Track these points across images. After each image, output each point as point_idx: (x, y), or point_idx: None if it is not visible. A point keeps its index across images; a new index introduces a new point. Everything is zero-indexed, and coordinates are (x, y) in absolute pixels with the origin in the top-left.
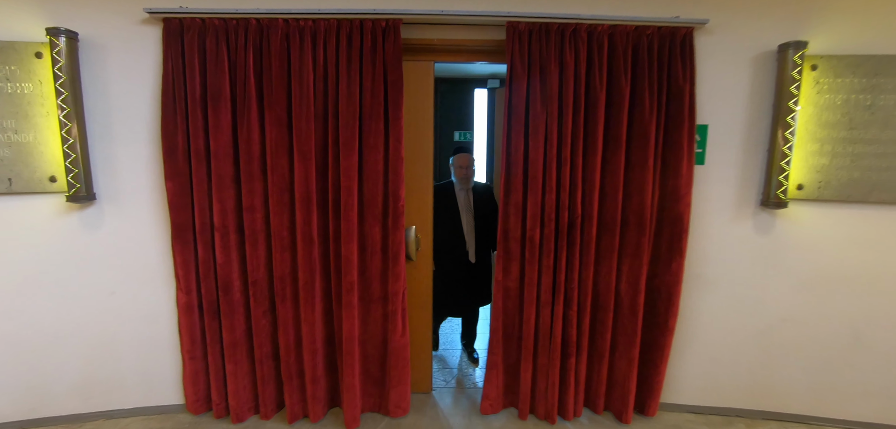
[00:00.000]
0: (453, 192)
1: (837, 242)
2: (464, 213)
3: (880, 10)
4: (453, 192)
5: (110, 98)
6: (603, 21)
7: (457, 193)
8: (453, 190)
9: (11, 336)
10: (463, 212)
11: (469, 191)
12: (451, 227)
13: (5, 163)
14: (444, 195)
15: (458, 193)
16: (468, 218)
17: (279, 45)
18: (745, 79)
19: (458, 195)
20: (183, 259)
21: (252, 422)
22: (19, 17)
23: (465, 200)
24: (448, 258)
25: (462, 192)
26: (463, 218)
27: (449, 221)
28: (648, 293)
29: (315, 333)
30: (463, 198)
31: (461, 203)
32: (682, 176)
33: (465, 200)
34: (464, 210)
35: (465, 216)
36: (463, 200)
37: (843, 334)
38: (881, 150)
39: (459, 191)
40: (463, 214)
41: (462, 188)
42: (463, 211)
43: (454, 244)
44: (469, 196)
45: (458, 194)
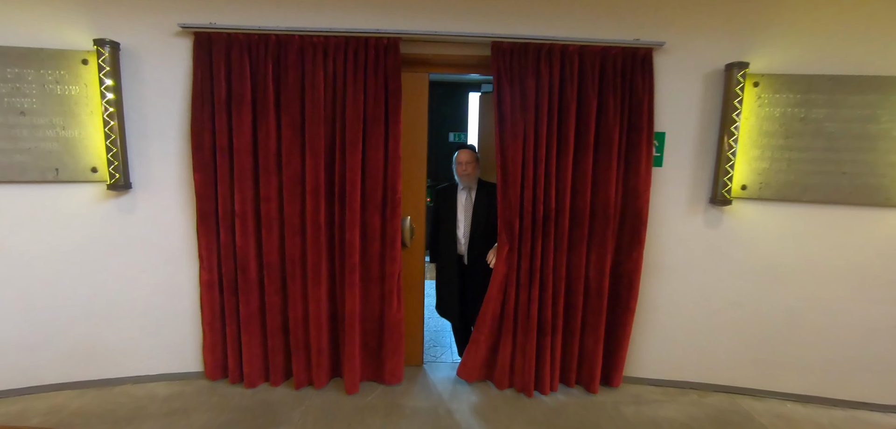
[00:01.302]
0: (455, 192)
1: (776, 236)
2: (461, 214)
3: (812, 36)
4: (455, 192)
5: (145, 100)
6: (574, 42)
7: (458, 193)
8: (455, 190)
9: (53, 308)
10: (461, 212)
11: (471, 190)
12: (447, 228)
13: (53, 155)
14: (444, 197)
15: (458, 194)
16: (466, 219)
17: (295, 58)
18: (697, 93)
19: (459, 196)
20: (206, 242)
21: (263, 388)
22: (68, 30)
23: (465, 200)
24: (442, 260)
25: (463, 192)
26: (460, 219)
27: (447, 221)
28: (613, 279)
29: (321, 309)
30: (463, 199)
31: (460, 204)
32: (641, 176)
33: (465, 201)
34: (462, 211)
35: (462, 217)
36: (463, 201)
37: (780, 316)
38: (812, 156)
39: (461, 191)
40: (460, 214)
41: (463, 188)
42: (461, 212)
43: (448, 246)
44: (470, 196)
45: (458, 195)
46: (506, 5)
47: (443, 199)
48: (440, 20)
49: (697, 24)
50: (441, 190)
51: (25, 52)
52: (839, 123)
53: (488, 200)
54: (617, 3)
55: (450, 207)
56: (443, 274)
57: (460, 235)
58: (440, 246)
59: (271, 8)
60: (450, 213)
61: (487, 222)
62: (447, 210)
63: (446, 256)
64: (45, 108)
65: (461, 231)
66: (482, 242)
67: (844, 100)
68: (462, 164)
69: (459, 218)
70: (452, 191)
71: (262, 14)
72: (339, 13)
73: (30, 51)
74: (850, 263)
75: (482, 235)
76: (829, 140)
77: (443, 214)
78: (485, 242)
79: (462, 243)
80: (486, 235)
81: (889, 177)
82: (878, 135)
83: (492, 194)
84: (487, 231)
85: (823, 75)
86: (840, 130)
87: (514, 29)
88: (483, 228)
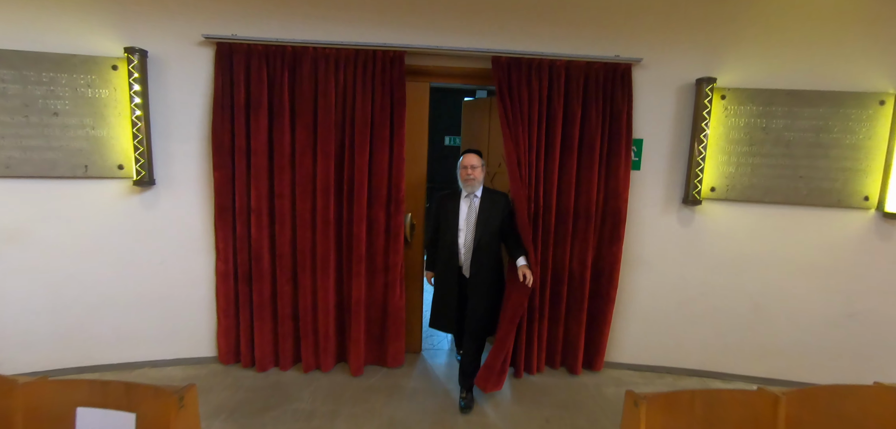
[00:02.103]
0: (457, 199)
1: (742, 233)
2: (463, 222)
3: (772, 55)
4: (457, 199)
5: (169, 103)
6: (562, 57)
7: (460, 200)
8: (458, 198)
9: (78, 295)
10: (462, 221)
11: (474, 198)
12: (447, 238)
13: (84, 153)
14: (445, 203)
15: (461, 201)
16: (467, 229)
17: (308, 68)
18: (671, 104)
19: (461, 203)
20: (223, 234)
21: (273, 371)
22: (100, 38)
23: (467, 209)
24: (440, 272)
25: (466, 199)
26: (461, 228)
27: (446, 230)
28: (594, 271)
29: (328, 298)
30: (466, 207)
31: (462, 212)
32: (620, 178)
33: (467, 210)
34: (463, 220)
35: (463, 226)
36: (465, 210)
37: (746, 305)
38: (773, 162)
39: (463, 198)
40: (462, 223)
41: (466, 195)
42: (462, 220)
43: (447, 257)
44: (473, 204)
45: (460, 202)
46: (501, 24)
47: (443, 206)
48: (442, 36)
49: (671, 43)
50: (442, 196)
51: (60, 57)
52: (796, 132)
53: (492, 209)
54: (600, 24)
55: (451, 216)
56: (441, 287)
57: (461, 246)
58: (439, 256)
59: (288, 22)
60: (450, 221)
61: (491, 233)
62: (447, 218)
63: (445, 268)
64: (77, 109)
65: (462, 241)
66: (485, 254)
67: (800, 112)
68: (468, 168)
69: (461, 227)
70: (454, 198)
71: (280, 27)
72: (349, 28)
73: (64, 57)
74: (808, 259)
75: (486, 248)
76: (788, 148)
77: (443, 223)
78: (488, 254)
79: (462, 255)
80: (490, 247)
81: (840, 181)
82: (830, 143)
83: (497, 203)
84: (491, 243)
85: (782, 90)
86: (797, 138)
87: (509, 45)
88: (487, 239)
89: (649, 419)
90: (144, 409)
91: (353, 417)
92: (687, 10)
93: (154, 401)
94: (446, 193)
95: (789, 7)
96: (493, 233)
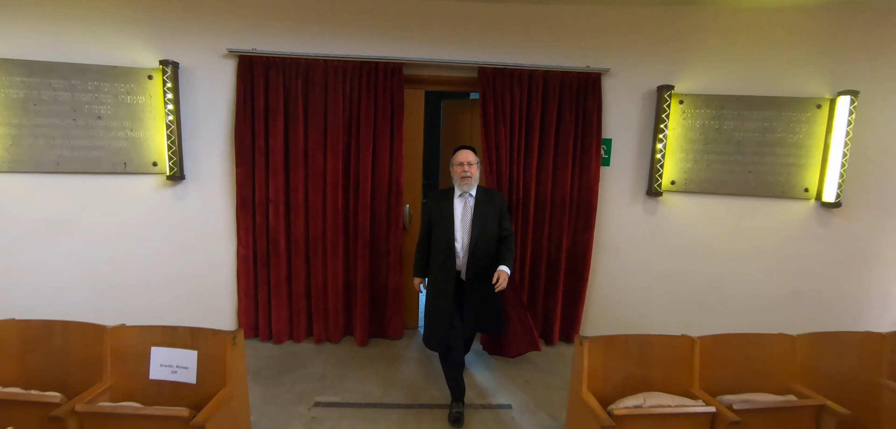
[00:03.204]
0: (451, 198)
1: (699, 221)
2: (459, 223)
3: (724, 65)
4: (451, 198)
5: (198, 108)
6: (540, 68)
7: (455, 199)
8: (452, 196)
9: (116, 277)
10: (458, 222)
11: (468, 197)
12: (441, 241)
13: (123, 152)
14: (438, 203)
15: (455, 201)
16: (463, 230)
17: (320, 78)
18: (636, 108)
19: (455, 203)
20: (244, 223)
21: (288, 344)
22: (138, 52)
23: (462, 209)
24: (435, 278)
25: (461, 199)
26: (456, 229)
27: (441, 232)
28: (569, 254)
29: (337, 278)
30: (460, 207)
31: (457, 212)
32: (592, 173)
33: (462, 210)
34: (459, 220)
35: (459, 227)
36: (460, 210)
37: (704, 285)
38: (725, 159)
39: (457, 198)
40: (458, 224)
41: (461, 194)
42: (458, 221)
43: (442, 261)
44: (468, 203)
45: (455, 202)
46: (487, 39)
47: (437, 205)
48: (435, 50)
49: (635, 55)
50: (435, 196)
51: (103, 68)
52: (745, 132)
53: (489, 208)
54: (573, 39)
55: (445, 216)
56: (435, 293)
57: (458, 249)
58: (432, 260)
59: (302, 38)
60: (445, 222)
61: (489, 234)
62: (442, 219)
63: (440, 272)
64: (118, 113)
65: (459, 244)
66: (483, 256)
67: (749, 114)
68: (464, 165)
69: (456, 228)
70: (448, 197)
71: (294, 42)
72: (355, 43)
73: (107, 68)
74: (756, 243)
75: (484, 250)
76: (738, 146)
77: (436, 224)
78: (486, 256)
79: (460, 258)
80: (488, 249)
81: (784, 175)
82: (775, 142)
83: (494, 202)
84: (489, 244)
85: (733, 95)
86: (746, 138)
87: (494, 57)
88: (485, 240)
89: (591, 356)
90: (205, 347)
91: (359, 378)
92: (649, 26)
93: (213, 341)
94: (439, 192)
95: (739, 24)
96: (490, 234)
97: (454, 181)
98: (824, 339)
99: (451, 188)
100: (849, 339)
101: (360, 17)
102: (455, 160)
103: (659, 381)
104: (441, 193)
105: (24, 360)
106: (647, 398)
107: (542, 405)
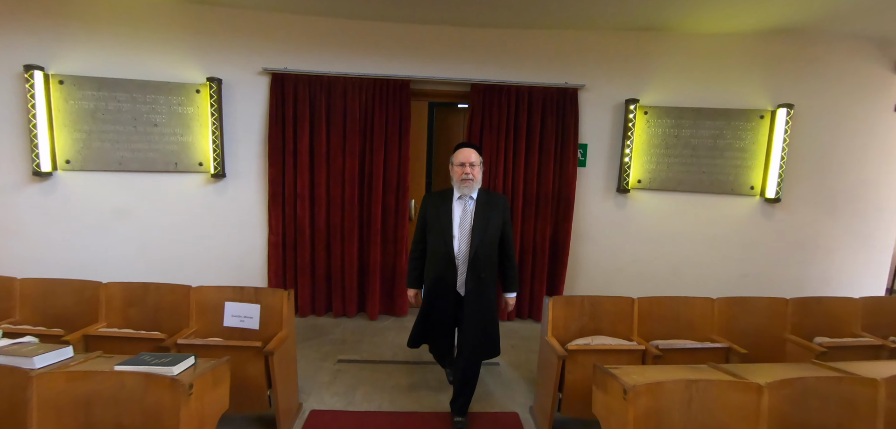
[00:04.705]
0: (450, 201)
1: (662, 214)
2: (457, 229)
3: (681, 82)
4: (450, 201)
5: (236, 116)
6: (525, 84)
7: (453, 202)
8: (450, 199)
9: (166, 260)
10: (456, 227)
11: (469, 200)
12: (438, 247)
13: (174, 153)
14: (435, 205)
15: (454, 204)
16: (461, 236)
17: (340, 92)
18: (607, 117)
19: (454, 207)
20: (275, 214)
21: (311, 317)
22: (188, 70)
23: (461, 213)
24: (431, 289)
25: (460, 202)
26: (455, 236)
27: (438, 238)
28: (551, 243)
29: (353, 261)
30: (459, 211)
31: (456, 217)
32: (570, 173)
33: (461, 214)
34: (458, 226)
35: (457, 234)
36: (459, 214)
37: (665, 269)
38: (682, 161)
39: (456, 201)
40: (456, 230)
41: (460, 196)
42: (456, 227)
43: (441, 270)
44: (468, 208)
45: (454, 205)
46: (480, 60)
47: (433, 207)
48: (437, 69)
49: (607, 73)
50: (432, 198)
51: (159, 84)
52: (700, 139)
53: (491, 213)
54: (554, 59)
55: (443, 221)
56: (430, 303)
57: (457, 258)
58: (428, 270)
59: (325, 58)
60: (442, 228)
61: (490, 242)
62: (438, 224)
63: (436, 282)
64: (170, 121)
65: (457, 252)
66: (483, 267)
67: (703, 123)
68: (465, 165)
69: (454, 235)
70: (446, 200)
71: (319, 62)
72: (369, 62)
73: (162, 83)
74: (710, 233)
75: (484, 260)
76: (694, 150)
77: (433, 229)
78: (487, 267)
79: (458, 267)
80: (488, 258)
81: (733, 175)
82: (725, 147)
83: (496, 206)
84: (490, 254)
85: (689, 107)
86: (700, 143)
87: (485, 76)
88: (485, 249)
89: (555, 310)
90: (266, 302)
91: (374, 343)
92: (618, 49)
93: (272, 297)
94: (436, 193)
95: (695, 48)
96: (492, 241)
97: (453, 183)
98: (739, 302)
99: (450, 189)
100: (759, 302)
101: (373, 42)
102: (455, 160)
103: (606, 330)
104: (438, 194)
105: (126, 312)
106: (594, 340)
107: (524, 363)
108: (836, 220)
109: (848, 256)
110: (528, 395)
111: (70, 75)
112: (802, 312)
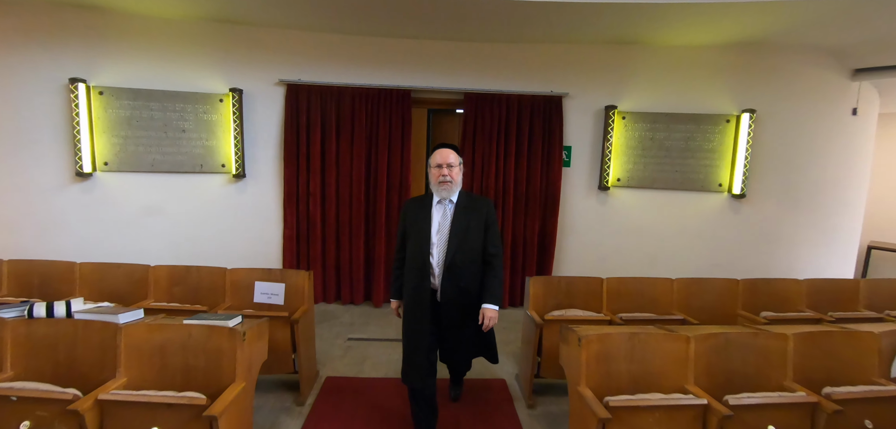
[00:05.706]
0: (429, 206)
1: (638, 209)
2: (435, 235)
3: (656, 89)
4: (429, 206)
5: (255, 123)
6: (515, 92)
7: (433, 207)
8: (429, 204)
9: (192, 252)
10: (434, 234)
11: (449, 204)
12: (416, 255)
13: (200, 156)
14: (413, 211)
15: (433, 208)
16: (440, 243)
17: (348, 101)
18: (589, 122)
19: (433, 212)
20: (289, 211)
21: (321, 304)
22: (212, 81)
23: (440, 217)
24: (411, 297)
25: (439, 206)
26: (433, 243)
27: (415, 245)
28: (540, 236)
29: (360, 254)
30: (439, 215)
31: (435, 222)
32: (556, 173)
33: (440, 218)
34: (436, 232)
35: (436, 240)
36: (438, 218)
37: (643, 259)
38: (657, 162)
39: (436, 206)
40: (434, 236)
41: (440, 201)
42: (435, 233)
43: (418, 279)
44: (447, 211)
45: (433, 210)
46: (474, 71)
47: (412, 213)
48: (436, 79)
49: (588, 82)
50: (410, 203)
51: (187, 94)
52: (673, 141)
53: (472, 217)
54: (540, 70)
55: (421, 227)
56: (410, 318)
57: (434, 266)
58: (406, 279)
59: (335, 70)
60: (420, 234)
61: (470, 248)
62: (416, 230)
63: (414, 293)
64: (197, 127)
65: (435, 260)
66: (462, 276)
67: (675, 127)
68: (443, 167)
69: (433, 241)
70: (424, 205)
71: (330, 74)
72: (375, 74)
73: (189, 93)
74: (683, 226)
75: (462, 268)
76: (667, 151)
77: (411, 236)
78: (466, 276)
79: (435, 276)
80: (468, 268)
81: (703, 173)
82: (695, 148)
83: (478, 210)
84: (469, 262)
85: (663, 113)
86: (673, 145)
87: (479, 85)
88: (464, 256)
89: (534, 288)
90: (290, 281)
91: (379, 325)
92: (599, 61)
93: (295, 277)
94: (414, 199)
95: (668, 59)
96: (472, 248)
97: (431, 186)
98: (696, 282)
99: (430, 194)
100: (714, 283)
101: (378, 56)
102: (432, 161)
103: (579, 305)
104: (417, 199)
105: (171, 290)
106: (567, 312)
107: (513, 341)
108: (799, 213)
109: (812, 246)
110: (515, 367)
111: (109, 87)
112: (752, 291)
